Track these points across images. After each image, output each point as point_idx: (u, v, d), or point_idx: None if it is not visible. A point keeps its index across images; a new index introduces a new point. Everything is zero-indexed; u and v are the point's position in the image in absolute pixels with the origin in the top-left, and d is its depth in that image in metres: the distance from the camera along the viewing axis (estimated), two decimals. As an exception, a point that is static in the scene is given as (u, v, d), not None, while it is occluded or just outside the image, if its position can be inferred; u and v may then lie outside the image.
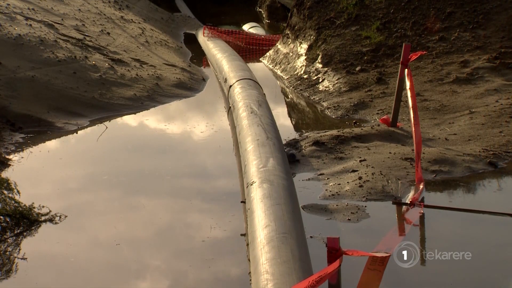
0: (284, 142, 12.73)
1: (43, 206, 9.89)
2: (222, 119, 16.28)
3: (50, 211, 9.88)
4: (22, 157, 13.09)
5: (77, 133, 15.13)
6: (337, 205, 10.06)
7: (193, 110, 17.87)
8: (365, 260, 7.07)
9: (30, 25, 18.88)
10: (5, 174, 11.50)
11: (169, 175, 12.03)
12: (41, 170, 12.58)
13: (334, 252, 6.72)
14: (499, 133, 13.16)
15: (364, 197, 10.37)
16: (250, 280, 7.39)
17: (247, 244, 8.26)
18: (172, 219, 10.09)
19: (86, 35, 20.71)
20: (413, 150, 11.39)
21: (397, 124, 14.05)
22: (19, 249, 9.03)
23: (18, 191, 9.97)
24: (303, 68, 20.27)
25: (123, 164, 12.88)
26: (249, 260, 7.82)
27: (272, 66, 22.89)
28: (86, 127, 15.51)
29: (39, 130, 14.68)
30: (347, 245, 6.99)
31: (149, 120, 16.63)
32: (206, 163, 13.05)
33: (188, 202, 10.74)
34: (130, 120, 16.56)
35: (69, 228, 9.65)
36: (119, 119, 16.39)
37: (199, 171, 12.39)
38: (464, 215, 9.70)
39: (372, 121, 15.30)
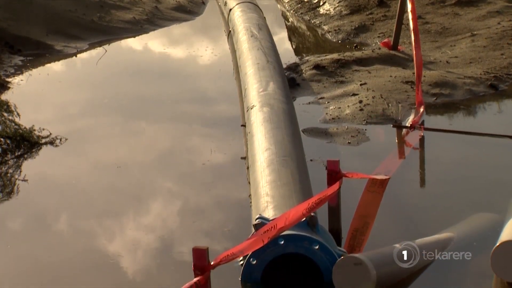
0: (284, 66, 12.66)
1: (43, 129, 9.89)
2: (222, 43, 16.17)
3: (50, 133, 9.87)
4: (21, 80, 13.06)
5: (76, 56, 15.06)
6: (337, 129, 10.05)
7: (193, 34, 17.75)
8: (365, 182, 7.12)
9: None
10: (5, 96, 11.47)
11: (170, 100, 12.00)
12: (40, 93, 12.57)
13: (334, 174, 6.75)
14: (501, 55, 13.09)
15: (364, 120, 10.37)
16: (250, 202, 7.43)
17: (247, 167, 8.29)
18: (173, 143, 10.10)
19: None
20: (413, 73, 11.34)
21: (398, 47, 13.96)
22: (20, 171, 9.06)
23: (18, 114, 9.95)
24: (304, -10, 20.04)
25: (123, 88, 12.84)
26: (249, 183, 7.85)
27: (273, -11, 22.63)
28: (85, 50, 15.42)
29: (38, 53, 14.61)
30: (347, 168, 7.02)
31: (149, 44, 16.53)
32: (206, 87, 13.01)
33: (189, 126, 10.73)
34: (129, 43, 16.45)
35: (70, 151, 9.67)
36: (118, 43, 16.29)
37: (199, 96, 12.35)
38: (464, 138, 9.71)
39: (373, 45, 15.20)
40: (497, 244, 5.88)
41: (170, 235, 7.20)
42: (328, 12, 18.04)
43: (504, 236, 6.02)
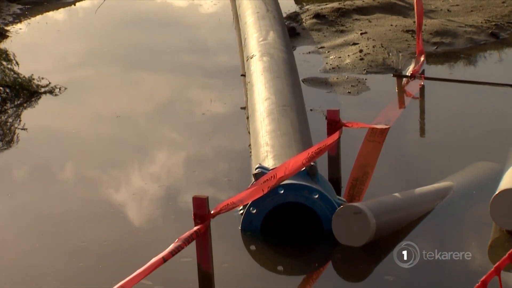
0: (284, 15, 12.57)
1: (42, 78, 9.87)
2: (221, -9, 16.03)
3: (49, 83, 9.86)
4: (20, 29, 13.00)
5: (75, 5, 14.96)
6: (337, 78, 10.03)
7: (192, -18, 17.57)
8: (365, 132, 7.12)
9: None
10: (4, 45, 11.42)
11: (169, 49, 11.94)
12: (39, 42, 12.51)
13: (334, 124, 6.75)
14: (502, 3, 13.00)
15: (364, 70, 10.34)
16: (250, 152, 7.45)
17: (247, 117, 8.28)
18: (172, 93, 10.08)
19: None
20: (414, 22, 11.26)
21: (399, -5, 13.86)
22: (20, 120, 9.07)
23: (17, 62, 9.92)
24: None
25: (123, 38, 12.77)
26: (249, 132, 7.85)
27: None
28: (84, -2, 15.32)
29: (37, 1, 14.50)
30: (347, 118, 7.02)
31: (148, -8, 16.39)
32: (206, 37, 12.93)
33: (188, 76, 10.70)
34: (128, -8, 16.31)
35: (69, 100, 9.65)
36: (117, -9, 16.16)
37: (199, 45, 12.29)
38: (465, 87, 9.69)
39: (374, -7, 15.07)
40: (496, 192, 5.91)
41: (170, 185, 7.22)
42: (328, -40, 17.85)
43: (503, 184, 6.04)
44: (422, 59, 10.25)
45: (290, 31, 11.79)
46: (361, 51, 10.86)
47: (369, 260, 5.83)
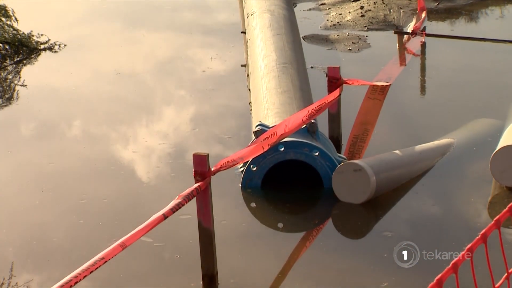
0: (285, -30, 12.47)
1: (42, 35, 9.83)
2: None
3: (49, 39, 9.82)
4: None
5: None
6: (338, 35, 9.98)
7: None
8: (366, 89, 7.10)
9: None
10: (3, 1, 11.31)
11: (169, 6, 11.87)
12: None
13: (335, 81, 6.73)
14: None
15: (365, 26, 10.28)
16: (251, 109, 7.44)
17: (248, 75, 8.26)
18: (172, 50, 10.04)
19: None
20: (416, -22, 11.21)
21: (401, -49, 13.73)
22: (19, 77, 9.05)
23: (16, 19, 9.86)
24: None
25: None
26: (249, 90, 7.84)
27: None
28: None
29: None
30: (347, 75, 6.99)
31: None
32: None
33: (188, 33, 10.65)
34: None
35: (69, 57, 9.63)
36: None
37: (199, 2, 12.21)
38: (466, 44, 9.66)
39: (375, -51, 14.93)
40: (497, 149, 5.91)
41: (171, 142, 7.22)
42: None
43: (503, 141, 6.04)
44: (423, 15, 10.20)
45: (291, -13, 11.72)
46: (362, 7, 10.80)
47: (369, 217, 5.85)
